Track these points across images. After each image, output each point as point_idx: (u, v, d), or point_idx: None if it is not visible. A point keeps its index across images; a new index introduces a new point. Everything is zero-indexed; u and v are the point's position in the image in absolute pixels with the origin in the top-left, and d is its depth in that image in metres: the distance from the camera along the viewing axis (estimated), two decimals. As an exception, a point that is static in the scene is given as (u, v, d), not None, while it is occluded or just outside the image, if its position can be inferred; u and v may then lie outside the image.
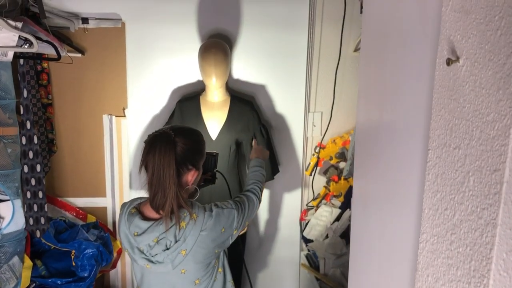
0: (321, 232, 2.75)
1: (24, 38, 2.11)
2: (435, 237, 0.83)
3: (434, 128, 0.83)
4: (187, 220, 1.48)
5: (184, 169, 1.50)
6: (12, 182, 2.29)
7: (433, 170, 0.83)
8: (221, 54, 2.40)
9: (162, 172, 1.44)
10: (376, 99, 1.27)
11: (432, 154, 0.83)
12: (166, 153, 1.44)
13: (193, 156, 1.53)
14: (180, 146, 1.47)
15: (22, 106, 2.31)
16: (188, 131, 1.58)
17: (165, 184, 1.45)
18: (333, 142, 2.87)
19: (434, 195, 0.82)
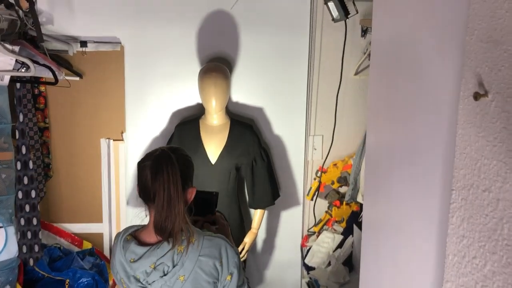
0: (323, 259, 2.68)
1: (21, 62, 2.08)
2: (461, 287, 0.77)
3: (458, 166, 0.77)
4: (185, 244, 1.42)
5: (185, 187, 1.45)
6: (5, 209, 2.23)
7: (458, 213, 0.77)
8: (221, 77, 2.37)
9: (173, 190, 1.38)
10: (388, 126, 1.22)
11: (456, 195, 0.78)
12: (173, 171, 1.39)
13: (190, 172, 1.50)
14: (181, 164, 1.43)
15: (17, 130, 2.27)
16: (178, 149, 1.53)
17: (175, 205, 1.39)
18: (334, 166, 2.83)
19: (459, 241, 0.77)
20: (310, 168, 2.87)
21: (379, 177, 1.30)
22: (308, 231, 2.90)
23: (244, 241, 2.56)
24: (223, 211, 2.51)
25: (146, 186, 1.43)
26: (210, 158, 2.47)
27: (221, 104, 2.41)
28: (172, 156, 1.42)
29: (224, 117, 2.51)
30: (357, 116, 2.84)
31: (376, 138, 1.33)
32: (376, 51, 1.37)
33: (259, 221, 2.61)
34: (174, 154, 1.43)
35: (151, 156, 1.45)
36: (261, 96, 2.72)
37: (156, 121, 2.66)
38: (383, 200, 1.27)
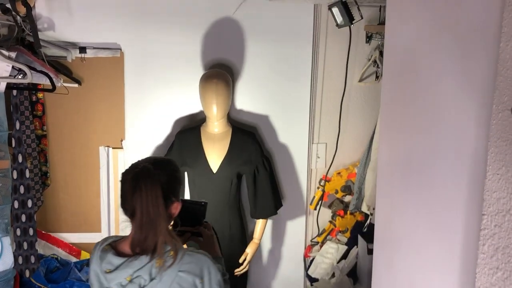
0: (326, 270, 2.62)
1: (18, 68, 2.03)
2: None
3: (490, 189, 0.71)
4: (165, 257, 1.36)
5: (168, 203, 1.39)
6: (1, 218, 2.18)
7: (491, 241, 0.70)
8: (222, 83, 2.33)
9: (152, 210, 1.33)
10: (403, 137, 1.15)
11: (488, 221, 0.71)
12: (152, 189, 1.33)
13: (175, 187, 1.42)
14: (163, 179, 1.37)
15: (14, 138, 2.22)
16: (164, 161, 1.47)
17: (157, 223, 1.34)
18: (338, 174, 2.77)
19: (493, 273, 0.70)
20: (313, 176, 2.82)
21: (393, 191, 1.24)
22: (311, 241, 2.84)
23: (246, 251, 2.50)
24: (224, 220, 2.48)
25: (125, 200, 1.38)
26: (212, 166, 2.41)
27: (223, 111, 2.36)
28: (154, 173, 1.36)
29: (225, 125, 2.46)
30: (362, 124, 2.78)
31: (390, 149, 1.27)
32: (389, 59, 1.30)
33: (261, 231, 2.55)
34: (158, 170, 1.37)
35: (132, 171, 1.39)
36: (264, 103, 2.67)
37: (156, 129, 2.61)
38: (397, 217, 1.20)
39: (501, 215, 0.68)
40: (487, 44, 0.79)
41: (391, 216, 1.24)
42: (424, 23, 1.06)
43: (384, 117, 1.30)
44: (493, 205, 0.69)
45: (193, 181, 2.48)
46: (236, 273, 2.50)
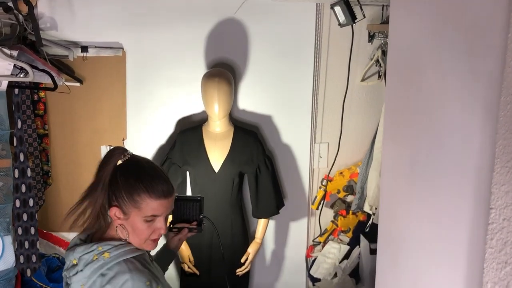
0: (328, 270, 2.60)
1: (19, 67, 2.03)
2: None
3: (499, 182, 0.70)
4: (101, 252, 1.30)
5: (111, 197, 1.32)
6: (2, 217, 2.17)
7: (499, 235, 0.69)
8: (224, 82, 2.32)
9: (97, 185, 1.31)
10: (409, 134, 1.14)
11: (496, 215, 0.70)
12: (108, 167, 1.31)
13: (121, 192, 1.30)
14: (121, 173, 1.31)
15: (15, 137, 2.21)
16: (143, 169, 1.35)
17: (96, 193, 1.31)
18: (340, 174, 2.76)
19: (501, 268, 0.69)
20: (315, 176, 2.81)
21: (397, 187, 1.22)
22: (313, 241, 2.83)
23: (248, 251, 2.50)
24: (226, 219, 2.47)
25: None
26: (213, 165, 2.41)
27: (225, 110, 2.35)
28: (123, 156, 1.33)
29: (227, 124, 2.45)
30: (364, 123, 2.77)
31: (394, 145, 1.25)
32: (393, 57, 1.28)
33: (263, 230, 2.54)
34: (123, 168, 1.32)
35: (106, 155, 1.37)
36: (266, 102, 2.66)
37: (158, 128, 2.60)
38: (402, 213, 1.19)
39: (509, 208, 0.67)
40: (494, 35, 0.78)
41: (395, 212, 1.23)
42: (428, 17, 1.04)
43: (388, 114, 1.29)
44: (502, 198, 0.68)
45: (194, 180, 2.47)
46: (238, 272, 2.49)
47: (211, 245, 2.44)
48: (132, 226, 1.32)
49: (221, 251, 1.91)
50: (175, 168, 2.46)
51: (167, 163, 2.48)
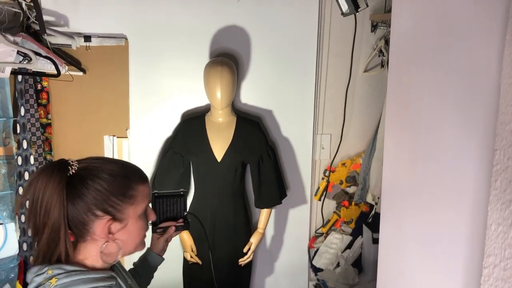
0: (331, 260, 2.60)
1: (23, 54, 2.03)
2: (508, 260, 0.68)
3: (504, 121, 0.69)
4: (39, 280, 1.07)
5: (88, 215, 1.08)
6: (6, 205, 2.18)
7: (504, 175, 0.68)
8: (226, 71, 2.32)
9: (41, 210, 1.05)
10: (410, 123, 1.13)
11: (501, 155, 0.69)
12: (51, 186, 1.04)
13: (105, 199, 1.09)
14: (84, 183, 1.08)
15: (19, 124, 2.22)
16: (107, 163, 1.15)
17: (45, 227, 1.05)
18: (343, 165, 2.76)
19: (505, 207, 0.68)
20: (318, 167, 2.81)
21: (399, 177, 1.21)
22: (316, 232, 2.83)
23: (250, 241, 2.50)
24: (228, 209, 2.47)
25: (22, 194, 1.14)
26: (216, 155, 2.41)
27: (227, 98, 2.35)
28: (66, 165, 1.08)
29: (230, 114, 2.45)
30: (367, 114, 2.77)
31: (396, 136, 1.24)
32: (396, 45, 1.27)
33: (265, 221, 2.54)
34: (80, 163, 1.11)
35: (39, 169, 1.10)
36: (269, 94, 2.66)
37: (161, 118, 2.60)
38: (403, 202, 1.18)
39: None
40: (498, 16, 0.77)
41: (396, 201, 1.22)
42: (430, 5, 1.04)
43: (390, 103, 1.28)
44: (506, 138, 0.68)
45: (197, 170, 2.47)
46: (241, 262, 2.49)
47: (213, 234, 2.44)
48: (129, 232, 1.14)
49: (208, 249, 1.88)
50: (178, 157, 2.46)
51: (170, 152, 2.48)
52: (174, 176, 2.48)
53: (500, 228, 0.69)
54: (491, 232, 0.71)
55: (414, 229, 1.14)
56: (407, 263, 1.19)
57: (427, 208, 1.07)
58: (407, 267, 1.19)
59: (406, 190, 1.19)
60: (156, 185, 2.48)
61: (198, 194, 2.50)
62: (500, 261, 0.70)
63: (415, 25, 1.15)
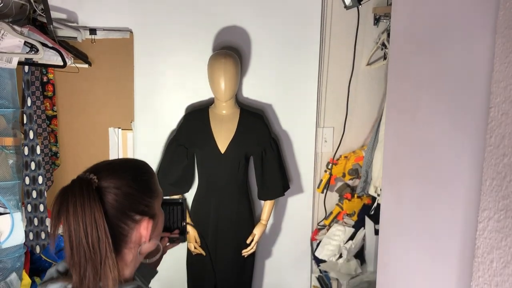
0: (333, 252, 2.62)
1: (29, 45, 2.06)
2: (502, 211, 0.70)
3: (498, 79, 0.71)
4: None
5: (128, 224, 1.03)
6: (12, 195, 2.21)
7: (498, 131, 0.70)
8: (230, 63, 2.34)
9: (87, 239, 0.95)
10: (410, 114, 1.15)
11: (495, 112, 0.71)
12: (87, 208, 0.95)
13: (139, 200, 1.05)
14: (112, 192, 1.00)
15: (25, 115, 2.24)
16: (122, 165, 1.10)
17: (96, 256, 0.96)
18: (345, 158, 2.77)
19: (499, 161, 0.70)
20: (320, 160, 2.82)
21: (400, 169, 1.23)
22: (319, 224, 2.85)
23: (253, 232, 2.52)
24: (232, 201, 2.49)
25: (52, 225, 1.00)
26: (220, 147, 2.43)
27: (231, 90, 2.37)
28: (94, 184, 0.99)
29: (233, 106, 2.47)
30: (370, 107, 2.79)
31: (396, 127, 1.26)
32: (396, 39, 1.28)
33: (268, 212, 2.56)
34: (105, 180, 1.01)
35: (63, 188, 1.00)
36: (271, 87, 2.68)
37: (165, 110, 2.62)
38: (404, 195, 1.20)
39: (507, 102, 0.68)
40: None
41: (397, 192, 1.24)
42: None
43: (390, 93, 1.30)
44: (500, 95, 0.70)
45: (201, 162, 2.49)
46: (244, 253, 2.51)
47: (217, 226, 2.47)
48: (157, 226, 1.11)
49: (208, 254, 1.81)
50: (182, 149, 2.49)
51: (174, 144, 2.51)
52: (178, 168, 2.50)
53: (494, 182, 0.71)
54: (486, 187, 0.73)
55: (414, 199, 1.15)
56: (408, 255, 1.21)
57: (426, 186, 1.09)
58: (409, 259, 1.21)
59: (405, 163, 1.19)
60: (160, 177, 2.50)
61: (202, 186, 2.52)
62: (494, 213, 0.72)
63: (415, 16, 1.17)
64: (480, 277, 0.75)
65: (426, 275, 1.10)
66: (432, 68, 1.06)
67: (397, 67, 1.30)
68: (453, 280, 0.93)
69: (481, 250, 0.76)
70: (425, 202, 1.10)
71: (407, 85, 1.20)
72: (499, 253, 0.72)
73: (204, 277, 2.52)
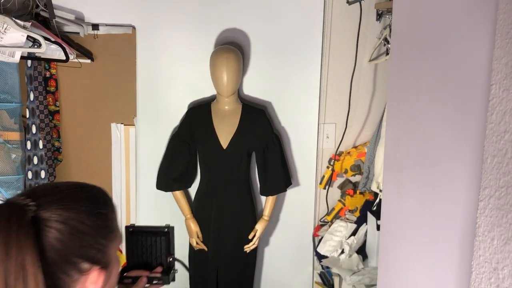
0: (335, 247, 2.62)
1: (32, 39, 2.07)
2: (502, 188, 0.70)
3: (499, 56, 0.71)
4: None
5: (71, 274, 0.75)
6: (15, 189, 2.21)
7: (499, 108, 0.70)
8: (232, 57, 2.34)
9: None
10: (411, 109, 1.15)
11: (496, 89, 0.71)
12: (13, 248, 0.67)
13: (91, 242, 0.78)
14: (55, 227, 0.73)
15: (28, 109, 2.25)
16: (73, 190, 0.83)
17: None
18: (348, 154, 2.77)
19: (500, 138, 0.70)
20: (322, 156, 2.82)
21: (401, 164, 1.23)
22: (321, 220, 2.85)
23: (256, 228, 2.52)
24: (234, 197, 2.50)
25: None
26: (222, 142, 2.43)
27: (233, 85, 2.37)
28: (30, 215, 0.72)
29: (235, 101, 2.47)
30: (372, 103, 2.78)
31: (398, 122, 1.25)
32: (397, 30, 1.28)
33: (270, 208, 2.57)
34: (46, 210, 0.74)
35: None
36: (273, 83, 2.68)
37: (168, 106, 2.63)
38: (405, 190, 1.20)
39: (509, 78, 0.68)
40: None
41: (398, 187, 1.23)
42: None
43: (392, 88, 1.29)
44: (501, 71, 0.70)
45: (203, 157, 2.50)
46: (246, 249, 2.51)
47: (219, 221, 2.47)
48: (110, 279, 0.84)
49: None
50: (184, 144, 2.49)
51: (177, 139, 2.51)
52: (181, 163, 2.51)
53: (495, 160, 0.71)
54: (487, 165, 0.73)
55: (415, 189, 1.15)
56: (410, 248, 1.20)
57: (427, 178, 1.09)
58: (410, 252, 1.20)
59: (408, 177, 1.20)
60: (162, 172, 2.50)
61: (204, 181, 2.53)
62: (495, 191, 0.72)
63: (416, 11, 1.16)
64: (481, 256, 0.75)
65: (427, 269, 1.10)
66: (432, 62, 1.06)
67: (398, 62, 1.30)
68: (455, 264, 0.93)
69: (482, 228, 0.76)
70: (426, 197, 1.10)
71: (408, 76, 1.20)
72: (499, 231, 0.72)
73: (206, 272, 2.53)
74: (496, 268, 0.73)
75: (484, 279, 0.76)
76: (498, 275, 0.73)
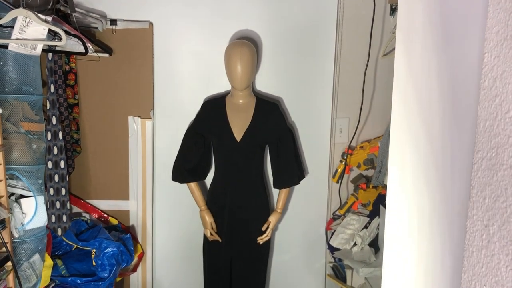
0: (348, 240, 2.64)
1: (53, 33, 2.13)
2: (493, 149, 0.73)
3: (491, 26, 0.74)
4: None
5: None
6: (36, 179, 2.27)
7: (491, 74, 0.73)
8: (247, 51, 2.38)
9: None
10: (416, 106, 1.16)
11: (489, 57, 0.74)
12: None
13: None
14: None
15: (48, 101, 2.32)
16: None
17: None
18: (361, 148, 2.79)
19: (492, 102, 0.73)
20: (335, 150, 2.84)
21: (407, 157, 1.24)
22: (333, 214, 2.87)
23: (269, 220, 2.55)
24: (248, 189, 2.54)
25: None
26: (236, 135, 2.47)
27: (247, 79, 2.41)
28: None
29: (250, 95, 2.51)
30: (385, 97, 2.79)
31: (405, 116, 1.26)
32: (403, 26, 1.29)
33: (283, 200, 2.60)
34: None
35: None
36: (287, 77, 2.71)
37: (184, 100, 2.68)
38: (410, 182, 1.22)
39: (499, 45, 0.71)
40: None
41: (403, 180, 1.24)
42: None
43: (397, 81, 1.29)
44: (493, 40, 0.72)
45: (217, 150, 2.54)
46: (259, 240, 2.55)
47: (232, 213, 2.51)
48: None
49: None
50: (199, 137, 2.54)
51: (192, 132, 2.56)
52: (195, 156, 2.56)
53: (487, 123, 0.73)
54: (480, 129, 0.76)
55: None
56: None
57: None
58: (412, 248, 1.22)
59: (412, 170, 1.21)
60: (178, 164, 2.55)
61: (218, 174, 2.57)
62: (487, 152, 0.74)
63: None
64: (474, 216, 0.78)
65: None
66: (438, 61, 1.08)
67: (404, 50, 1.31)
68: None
69: (475, 189, 0.79)
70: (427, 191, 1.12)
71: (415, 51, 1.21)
72: (490, 189, 0.75)
73: (219, 262, 2.57)
74: (487, 225, 0.78)
75: (477, 237, 0.82)
76: (489, 231, 0.78)
